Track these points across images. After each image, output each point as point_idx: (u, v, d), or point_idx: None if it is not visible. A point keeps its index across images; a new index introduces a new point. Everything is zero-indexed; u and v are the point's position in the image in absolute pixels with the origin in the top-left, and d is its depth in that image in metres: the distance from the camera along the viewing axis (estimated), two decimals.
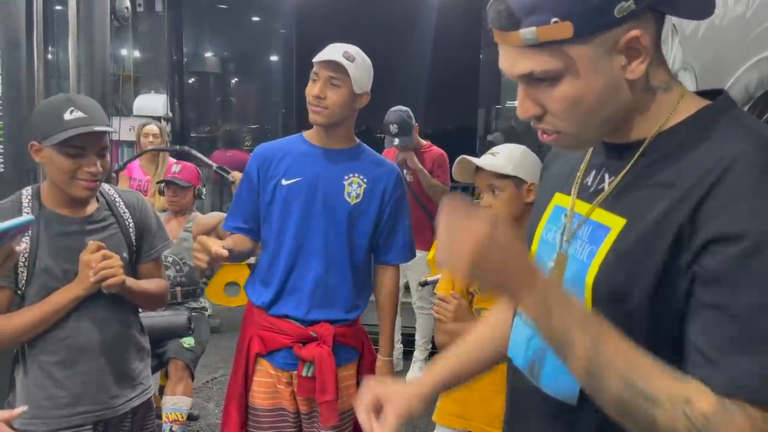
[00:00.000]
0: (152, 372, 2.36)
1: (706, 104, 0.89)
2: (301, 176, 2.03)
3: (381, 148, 3.93)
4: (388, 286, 2.19)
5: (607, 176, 0.94)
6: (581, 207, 0.96)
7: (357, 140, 2.14)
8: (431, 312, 4.18)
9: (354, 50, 1.99)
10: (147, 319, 2.04)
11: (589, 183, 0.97)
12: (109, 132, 1.74)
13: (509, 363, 1.07)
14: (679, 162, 0.85)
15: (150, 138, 4.60)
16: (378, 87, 2.11)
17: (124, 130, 5.18)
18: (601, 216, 0.90)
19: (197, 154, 4.34)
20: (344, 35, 2.22)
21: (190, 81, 10.47)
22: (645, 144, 0.89)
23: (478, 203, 1.90)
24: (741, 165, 0.78)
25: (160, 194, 3.45)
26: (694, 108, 0.89)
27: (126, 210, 1.90)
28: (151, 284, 1.92)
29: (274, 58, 11.73)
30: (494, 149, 1.85)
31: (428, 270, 4.23)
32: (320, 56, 1.97)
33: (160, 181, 3.46)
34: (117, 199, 1.91)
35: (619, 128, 0.91)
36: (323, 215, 2.02)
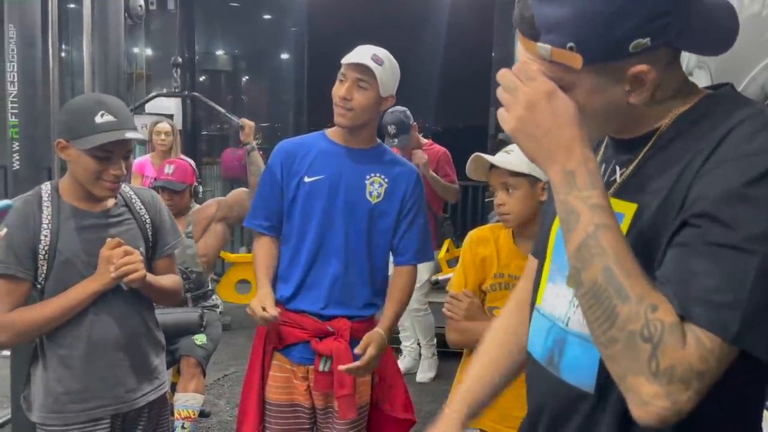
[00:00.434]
0: None
1: (709, 93, 0.93)
2: (324, 174, 2.05)
3: None
4: (404, 283, 2.18)
5: (618, 168, 0.98)
6: None
7: (378, 140, 2.16)
8: (428, 314, 4.19)
9: (383, 53, 2.00)
10: (159, 317, 2.05)
11: (602, 176, 1.00)
12: (139, 138, 1.77)
13: (529, 357, 1.09)
14: (683, 143, 0.89)
15: (162, 136, 4.60)
16: None
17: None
18: (615, 205, 0.93)
19: (206, 100, 4.38)
20: (355, 33, 2.22)
21: (202, 79, 10.51)
22: (653, 139, 0.93)
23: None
24: (736, 131, 0.82)
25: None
26: (698, 98, 0.93)
27: (142, 207, 1.93)
28: (167, 280, 1.96)
29: (285, 56, 11.76)
30: (509, 147, 1.84)
31: (435, 269, 4.22)
32: (349, 58, 1.98)
33: (155, 186, 3.20)
34: (133, 197, 1.93)
35: (624, 129, 0.96)
36: (344, 213, 2.04)
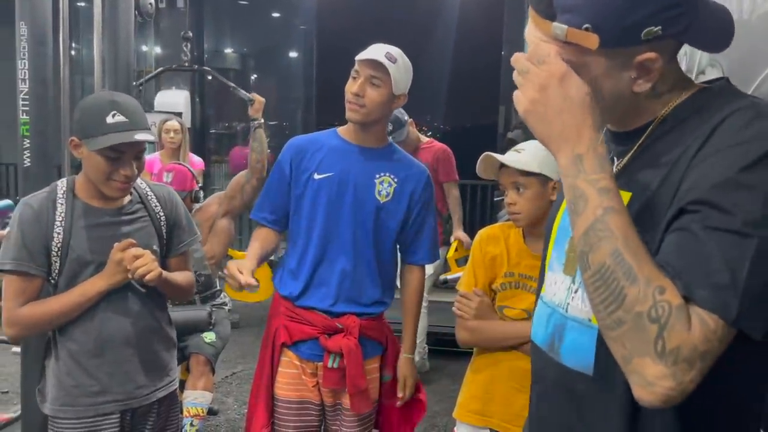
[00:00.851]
0: None
1: (705, 86, 0.95)
2: (334, 171, 2.06)
3: None
4: (414, 286, 2.22)
5: (615, 159, 1.00)
6: None
7: (389, 140, 2.17)
8: (424, 314, 4.16)
9: (396, 52, 2.01)
10: None
11: None
12: (149, 140, 1.76)
13: (532, 345, 1.12)
14: (678, 134, 0.91)
15: (171, 134, 4.62)
16: None
17: None
18: None
19: (215, 74, 4.38)
20: (364, 32, 2.22)
21: (210, 77, 10.51)
22: (648, 131, 0.96)
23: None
24: (730, 120, 0.84)
25: None
26: (694, 91, 0.95)
27: (158, 204, 1.93)
28: (181, 277, 1.97)
29: (294, 55, 11.75)
30: (519, 146, 1.83)
31: (440, 268, 4.22)
32: (363, 55, 1.99)
33: None
34: (149, 193, 1.93)
35: (623, 120, 0.99)
36: (352, 211, 2.05)
